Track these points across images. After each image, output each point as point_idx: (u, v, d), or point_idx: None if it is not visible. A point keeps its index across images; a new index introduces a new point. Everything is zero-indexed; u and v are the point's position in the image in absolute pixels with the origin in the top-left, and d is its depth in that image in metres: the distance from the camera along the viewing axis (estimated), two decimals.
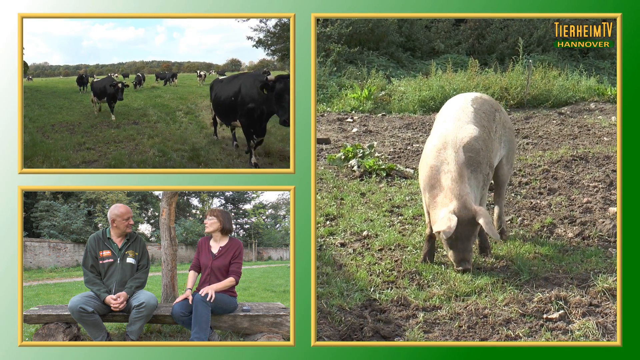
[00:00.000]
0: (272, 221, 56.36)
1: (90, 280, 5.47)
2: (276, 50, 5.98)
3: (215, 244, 5.64)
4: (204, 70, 6.70)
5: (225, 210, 6.12)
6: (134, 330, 5.26)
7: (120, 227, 5.55)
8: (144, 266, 5.69)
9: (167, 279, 6.90)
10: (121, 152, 6.11)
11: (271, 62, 6.12)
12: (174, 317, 5.26)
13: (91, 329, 5.23)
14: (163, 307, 5.72)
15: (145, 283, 5.65)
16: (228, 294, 5.49)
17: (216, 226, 5.58)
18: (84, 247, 5.63)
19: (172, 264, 6.89)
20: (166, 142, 6.26)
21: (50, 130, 6.24)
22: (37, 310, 5.56)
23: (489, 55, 16.78)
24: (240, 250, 5.64)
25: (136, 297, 5.31)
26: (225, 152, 6.21)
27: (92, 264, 5.53)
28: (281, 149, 5.85)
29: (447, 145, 5.60)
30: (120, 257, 5.56)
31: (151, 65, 6.56)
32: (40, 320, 5.41)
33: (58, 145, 6.04)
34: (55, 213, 24.48)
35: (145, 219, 41.79)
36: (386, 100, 13.63)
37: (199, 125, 6.54)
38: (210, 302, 5.16)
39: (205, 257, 5.62)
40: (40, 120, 6.25)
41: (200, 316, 5.10)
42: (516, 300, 5.02)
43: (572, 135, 11.04)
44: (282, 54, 5.89)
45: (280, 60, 5.98)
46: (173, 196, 6.80)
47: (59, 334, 5.37)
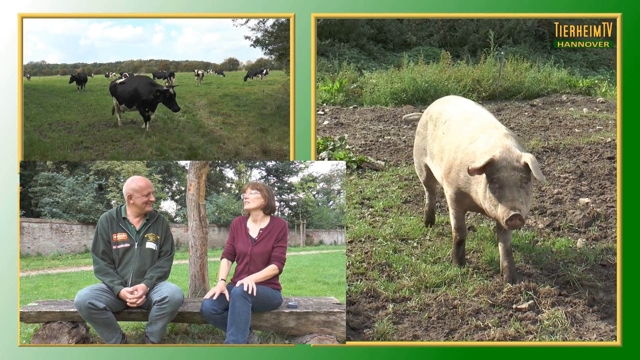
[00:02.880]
0: (324, 197, 51.76)
1: (102, 270, 4.53)
2: (274, 50, 5.83)
3: (254, 225, 4.71)
4: (202, 69, 6.54)
5: (268, 185, 5.00)
6: (155, 331, 4.39)
7: (139, 205, 4.64)
8: (168, 252, 4.76)
9: (195, 268, 5.85)
10: (119, 150, 6.07)
11: (269, 62, 5.99)
12: (204, 314, 4.34)
13: (103, 329, 4.34)
14: (191, 302, 4.83)
15: (168, 273, 4.74)
16: (270, 286, 4.56)
17: (259, 203, 4.66)
18: (94, 230, 4.78)
19: (201, 249, 5.81)
20: (164, 140, 6.19)
21: (47, 129, 6.18)
22: (36, 307, 4.58)
23: (461, 47, 16.53)
24: (285, 232, 4.74)
25: (158, 291, 4.41)
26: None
27: (104, 250, 4.59)
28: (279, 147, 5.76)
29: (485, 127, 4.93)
30: (139, 242, 4.64)
31: (149, 64, 6.39)
32: (41, 318, 4.46)
33: (55, 144, 5.90)
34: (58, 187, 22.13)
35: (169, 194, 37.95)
36: (358, 92, 13.39)
37: (197, 124, 6.43)
38: (251, 297, 4.25)
39: (242, 241, 4.66)
40: (38, 119, 6.23)
41: (239, 314, 4.20)
42: (486, 291, 4.88)
43: (543, 127, 10.86)
44: (279, 53, 5.77)
45: (278, 60, 5.84)
46: (203, 166, 5.75)
47: (63, 335, 4.45)
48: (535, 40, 16.56)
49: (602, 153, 8.58)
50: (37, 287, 8.96)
